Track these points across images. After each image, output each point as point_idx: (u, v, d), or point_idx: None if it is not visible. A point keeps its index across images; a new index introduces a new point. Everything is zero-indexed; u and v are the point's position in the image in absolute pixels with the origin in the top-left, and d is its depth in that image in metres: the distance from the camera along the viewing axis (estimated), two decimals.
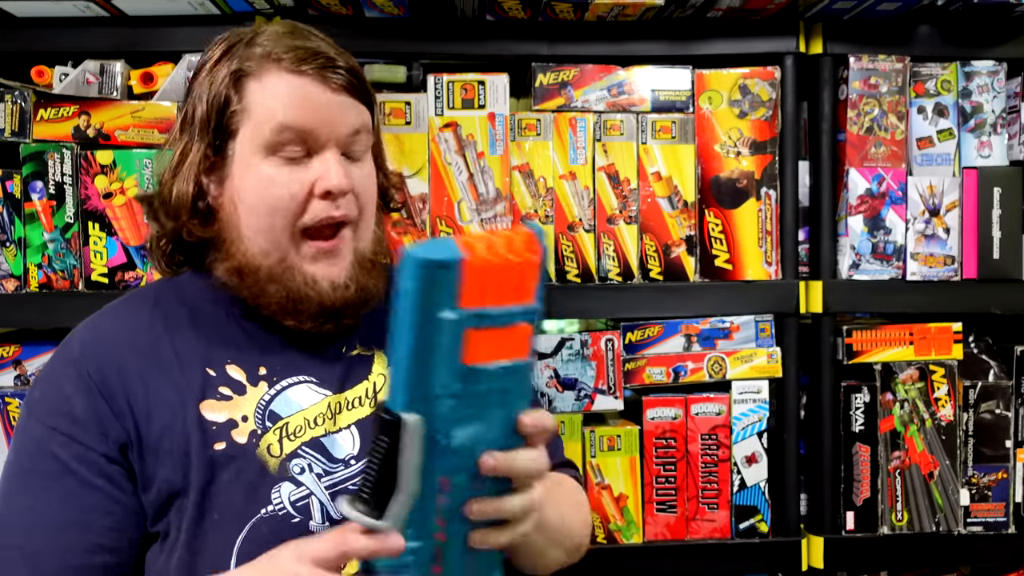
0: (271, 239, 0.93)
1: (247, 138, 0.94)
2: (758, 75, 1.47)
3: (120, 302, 1.03)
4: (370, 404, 0.98)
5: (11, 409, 1.39)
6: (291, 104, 0.92)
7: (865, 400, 1.47)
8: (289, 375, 0.97)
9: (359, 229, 0.97)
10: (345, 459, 0.95)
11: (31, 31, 1.38)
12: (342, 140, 0.95)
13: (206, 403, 0.93)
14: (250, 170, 0.94)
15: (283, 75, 0.93)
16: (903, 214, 1.48)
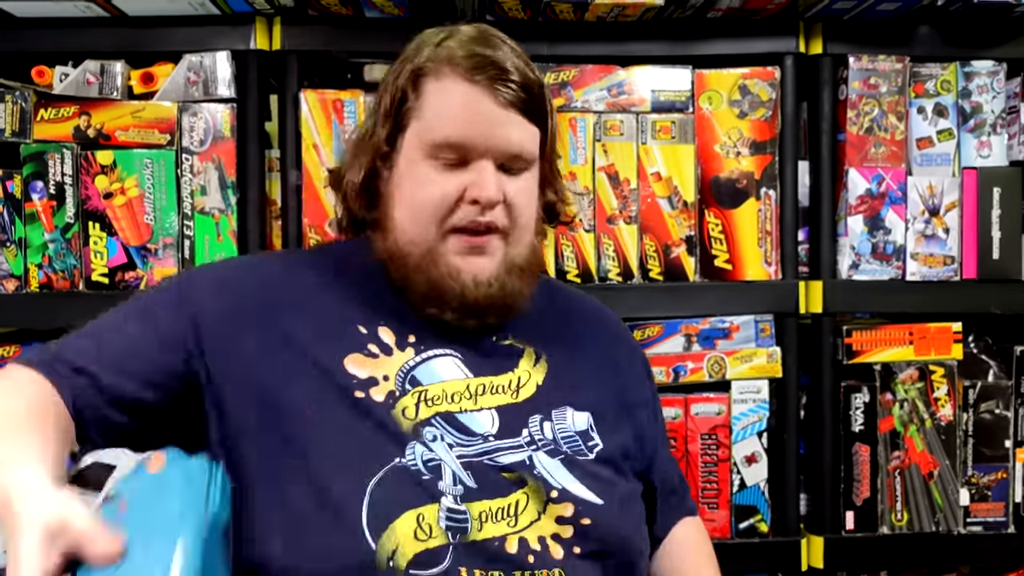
0: (420, 231, 0.98)
1: (414, 134, 0.98)
2: (758, 75, 1.47)
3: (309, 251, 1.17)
4: (512, 395, 0.99)
5: None
6: (456, 114, 0.96)
7: (865, 400, 1.48)
8: (437, 347, 1.00)
9: (511, 238, 1.00)
10: (483, 434, 0.96)
11: (31, 31, 1.39)
12: (499, 154, 0.97)
13: (352, 356, 0.96)
14: (411, 165, 0.98)
15: (457, 81, 0.96)
16: (903, 214, 1.48)
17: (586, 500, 0.95)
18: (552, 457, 0.96)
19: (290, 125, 1.42)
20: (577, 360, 1.07)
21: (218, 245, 1.40)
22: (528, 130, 0.99)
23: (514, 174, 0.99)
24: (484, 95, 0.95)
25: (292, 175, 1.42)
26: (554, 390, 1.02)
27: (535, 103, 0.99)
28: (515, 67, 0.97)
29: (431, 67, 0.98)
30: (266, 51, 1.42)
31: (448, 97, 0.96)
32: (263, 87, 1.44)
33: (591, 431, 1.01)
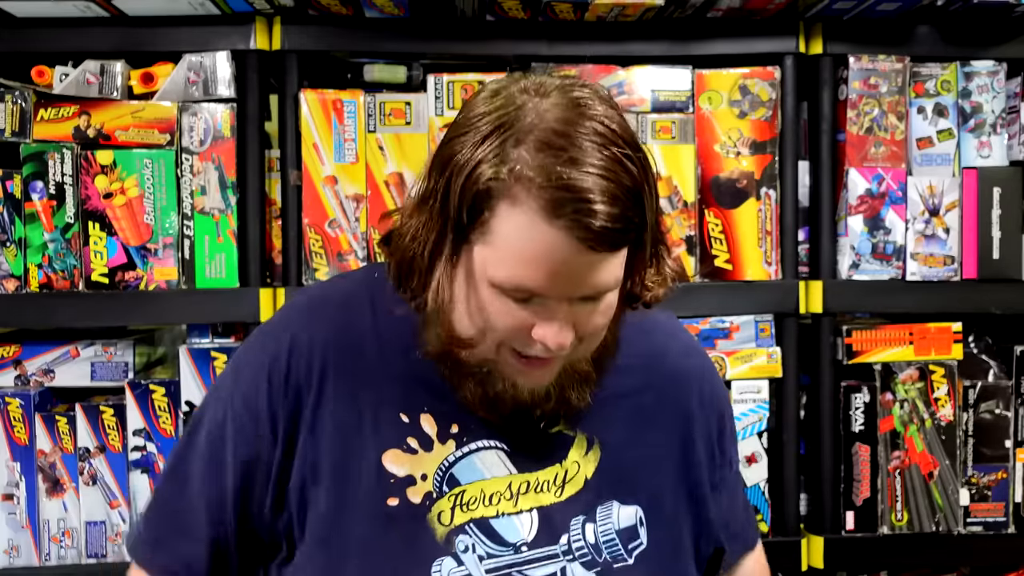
0: (480, 346, 0.86)
1: (481, 258, 0.81)
2: (758, 75, 1.47)
3: (339, 294, 0.98)
4: (556, 493, 0.92)
5: (11, 409, 1.39)
6: (532, 261, 0.78)
7: (865, 400, 1.48)
8: (481, 438, 0.92)
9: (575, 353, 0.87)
10: (516, 544, 0.90)
11: (31, 31, 1.38)
12: (576, 297, 0.82)
13: (390, 453, 0.90)
14: (476, 284, 0.83)
15: (534, 219, 0.76)
16: (903, 214, 1.48)
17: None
18: (588, 569, 0.90)
19: (290, 125, 1.42)
20: (638, 440, 0.96)
21: (218, 245, 1.40)
22: (616, 264, 0.81)
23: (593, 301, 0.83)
24: (565, 240, 0.76)
25: (292, 175, 1.42)
26: (604, 483, 0.93)
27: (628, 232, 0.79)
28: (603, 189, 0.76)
29: (505, 187, 0.78)
30: (266, 51, 1.41)
31: (524, 236, 0.78)
32: (263, 87, 1.44)
33: (639, 527, 0.93)
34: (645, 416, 0.97)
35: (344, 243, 1.42)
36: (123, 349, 1.43)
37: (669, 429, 0.98)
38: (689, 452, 0.99)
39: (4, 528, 1.40)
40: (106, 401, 1.41)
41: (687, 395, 1.01)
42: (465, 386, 0.89)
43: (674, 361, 1.02)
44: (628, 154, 0.78)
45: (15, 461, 1.40)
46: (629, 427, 0.96)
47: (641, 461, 0.96)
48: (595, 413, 0.94)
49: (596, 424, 0.95)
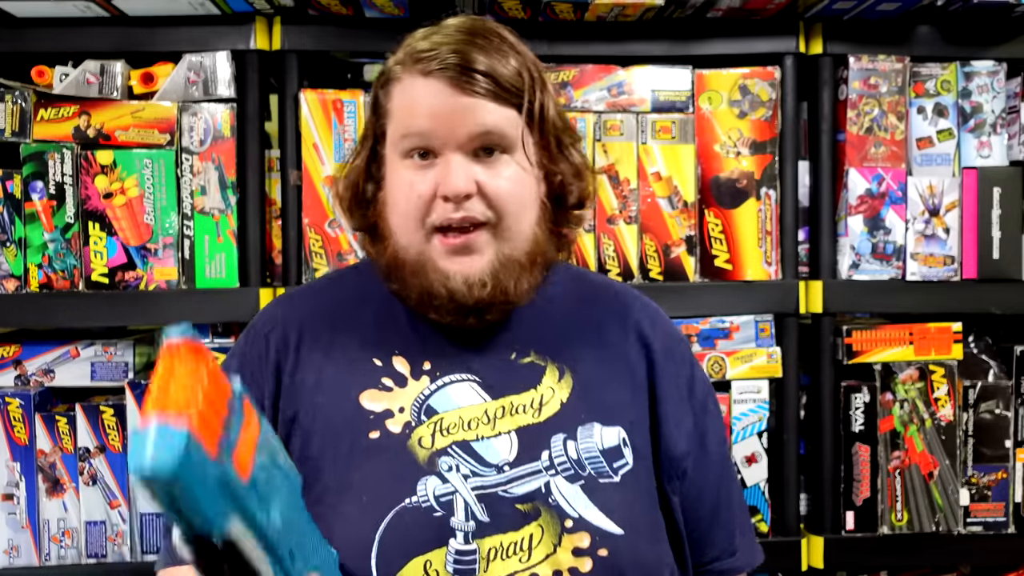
0: (408, 235, 0.96)
1: (390, 140, 0.97)
2: (758, 75, 1.47)
3: (327, 280, 1.12)
4: (534, 415, 0.96)
5: (11, 409, 1.39)
6: (414, 109, 0.94)
7: (865, 400, 1.48)
8: (453, 372, 0.97)
9: (500, 231, 0.94)
10: (499, 464, 0.93)
11: (31, 31, 1.39)
12: (463, 143, 0.93)
13: (367, 392, 0.96)
14: (393, 171, 0.97)
15: (416, 78, 0.94)
16: (903, 214, 1.48)
17: (604, 530, 0.91)
18: (572, 483, 0.93)
19: (290, 125, 1.42)
20: (608, 371, 1.01)
21: (218, 245, 1.40)
22: (499, 113, 0.93)
23: (492, 160, 0.94)
24: (443, 86, 0.92)
25: (292, 175, 1.42)
26: (581, 406, 0.97)
27: (505, 88, 0.93)
28: (483, 57, 0.93)
29: (397, 70, 0.97)
30: (266, 51, 1.42)
31: (408, 94, 0.95)
32: (263, 87, 1.44)
33: (622, 447, 0.96)
34: (611, 351, 1.02)
35: (344, 243, 1.42)
36: (123, 349, 1.44)
37: (637, 365, 1.02)
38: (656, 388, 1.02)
39: (4, 528, 1.40)
40: (106, 401, 1.41)
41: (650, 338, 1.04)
42: (411, 290, 0.96)
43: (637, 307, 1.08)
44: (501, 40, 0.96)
45: (15, 461, 1.40)
46: (598, 360, 1.01)
47: (613, 391, 1.00)
48: (563, 346, 1.00)
49: (566, 355, 1.00)
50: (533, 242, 0.97)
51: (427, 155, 0.94)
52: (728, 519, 1.08)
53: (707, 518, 1.05)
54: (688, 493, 1.02)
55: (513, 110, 0.94)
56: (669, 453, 1.01)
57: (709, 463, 1.05)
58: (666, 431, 1.01)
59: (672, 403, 1.02)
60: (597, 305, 1.06)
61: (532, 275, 0.98)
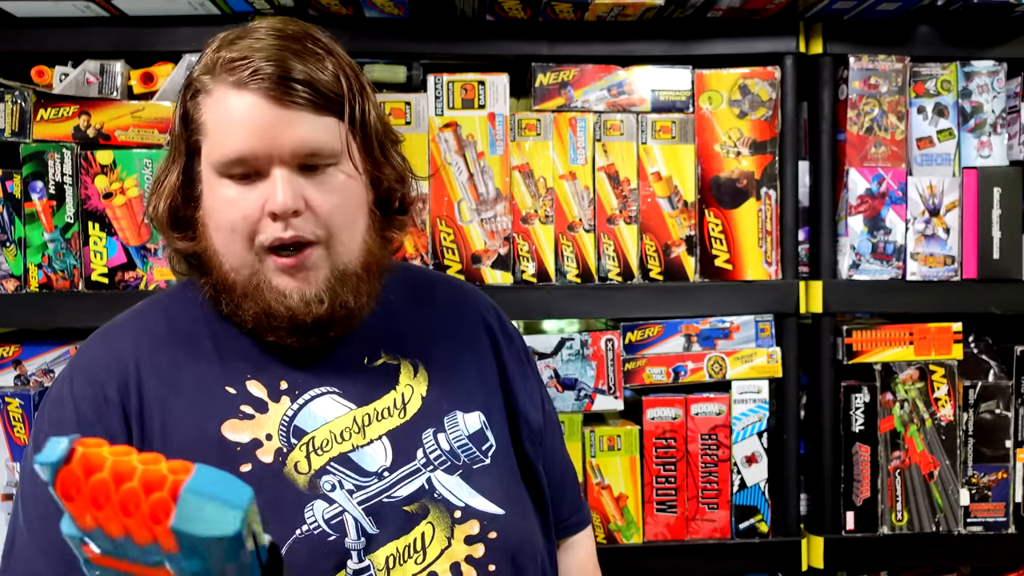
0: (236, 257, 0.91)
1: (205, 157, 0.91)
2: (758, 75, 1.47)
3: (131, 316, 1.00)
4: (399, 415, 0.96)
5: (11, 409, 1.39)
6: (232, 128, 0.87)
7: (865, 400, 1.48)
8: (311, 387, 0.94)
9: (332, 245, 0.91)
10: (378, 471, 0.92)
11: (31, 31, 1.38)
12: (287, 158, 0.88)
13: (228, 423, 0.91)
14: (211, 190, 0.91)
15: (229, 91, 0.87)
16: (903, 214, 1.48)
17: (489, 513, 0.93)
18: (451, 474, 0.94)
19: None
20: (457, 359, 1.03)
21: None
22: (320, 123, 0.88)
23: (319, 174, 0.89)
24: (260, 100, 0.86)
25: None
26: (440, 397, 0.98)
27: (324, 94, 0.88)
28: (299, 64, 0.87)
29: (204, 81, 0.90)
30: None
31: (224, 110, 0.88)
32: None
33: (485, 430, 0.98)
34: (459, 340, 1.05)
35: None
36: None
37: (480, 345, 1.06)
38: (502, 364, 1.06)
39: (4, 528, 1.40)
40: None
41: (487, 318, 1.09)
42: (246, 312, 0.91)
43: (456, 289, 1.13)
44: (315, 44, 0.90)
45: (15, 461, 1.40)
46: (446, 349, 1.03)
47: (466, 376, 1.02)
48: (411, 341, 1.01)
49: (415, 350, 1.01)
50: (366, 252, 0.95)
51: (249, 175, 0.89)
52: (572, 478, 1.17)
53: (559, 479, 1.11)
54: (545, 459, 1.08)
55: (335, 118, 0.90)
56: (530, 425, 1.05)
57: (552, 427, 1.13)
58: (522, 405, 1.05)
59: (519, 377, 1.07)
60: (434, 298, 1.08)
61: (370, 284, 0.95)
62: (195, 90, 0.91)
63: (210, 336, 0.96)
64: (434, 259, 1.42)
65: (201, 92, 0.90)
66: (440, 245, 1.42)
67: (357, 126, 0.92)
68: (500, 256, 1.44)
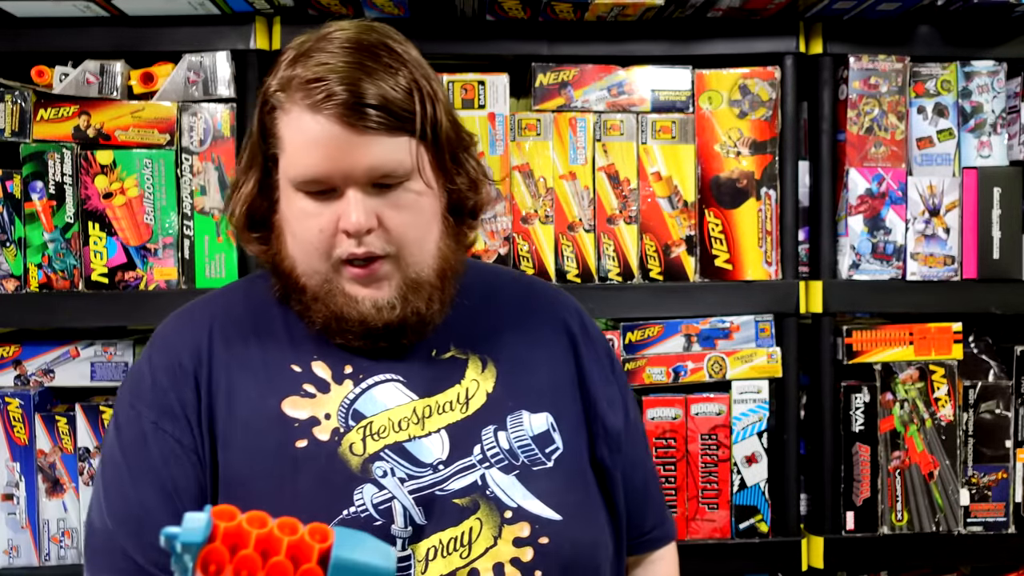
0: (312, 265, 0.93)
1: (282, 171, 0.93)
2: (758, 75, 1.47)
3: (210, 295, 1.05)
4: (461, 410, 0.95)
5: (11, 409, 1.39)
6: (307, 151, 0.89)
7: (865, 400, 1.47)
8: (376, 373, 0.95)
9: (402, 259, 0.92)
10: (433, 463, 0.92)
11: (31, 31, 1.38)
12: (360, 179, 0.89)
13: (289, 400, 0.93)
14: (289, 201, 0.93)
15: (304, 114, 0.89)
16: (903, 214, 1.48)
17: (543, 517, 0.91)
18: (507, 473, 0.92)
19: None
20: (529, 357, 1.01)
21: (218, 245, 1.40)
22: (393, 144, 0.89)
23: (391, 191, 0.91)
24: (332, 124, 0.87)
25: None
26: (506, 395, 0.97)
27: (397, 115, 0.89)
28: (372, 86, 0.87)
29: (280, 98, 0.91)
30: (266, 51, 1.41)
31: (299, 132, 0.89)
32: None
33: (552, 432, 0.96)
34: (533, 338, 1.02)
35: None
36: (123, 349, 1.44)
37: (556, 346, 1.03)
38: (580, 367, 1.03)
39: (4, 528, 1.40)
40: (106, 401, 1.41)
41: (566, 319, 1.06)
42: (316, 314, 0.93)
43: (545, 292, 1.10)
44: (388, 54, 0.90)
45: (15, 461, 1.40)
46: (518, 347, 1.01)
47: (537, 376, 1.00)
48: (482, 338, 1.00)
49: (485, 346, 0.99)
50: (440, 259, 0.95)
51: (325, 192, 0.90)
52: (655, 489, 1.12)
53: (641, 489, 1.07)
54: (625, 467, 1.04)
55: (407, 136, 0.90)
56: (608, 430, 1.02)
57: (636, 435, 1.08)
58: (600, 409, 1.02)
59: (599, 381, 1.03)
60: (509, 296, 1.07)
61: (443, 291, 0.96)
62: (271, 106, 0.92)
63: (283, 320, 0.98)
64: None
65: (277, 109, 0.92)
66: None
67: (429, 140, 0.93)
68: (500, 256, 1.44)
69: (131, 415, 0.94)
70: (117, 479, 0.93)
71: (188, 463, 0.92)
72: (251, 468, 0.90)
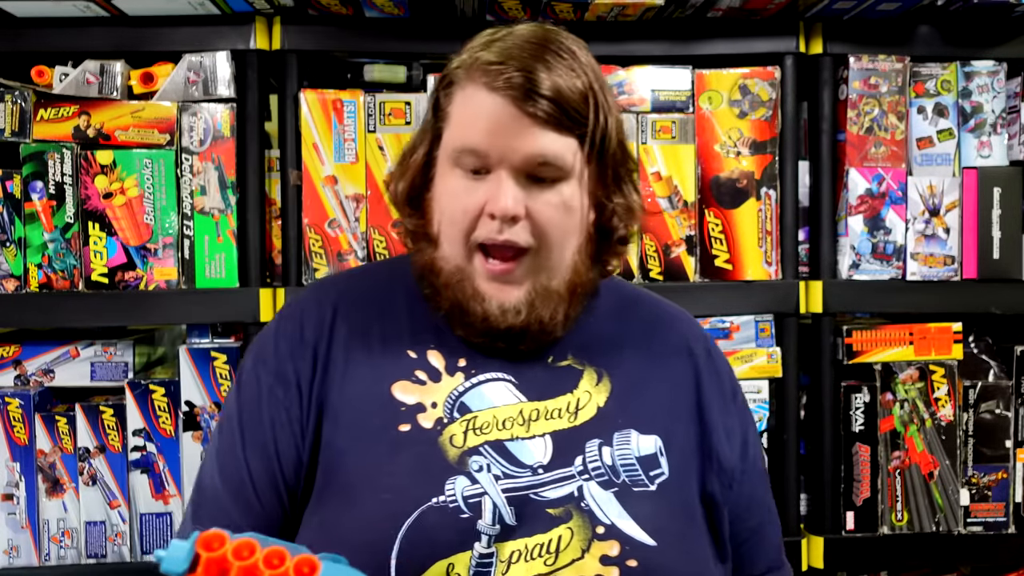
0: (451, 246, 0.93)
1: (444, 145, 0.94)
2: (758, 75, 1.47)
3: (346, 272, 1.11)
4: (569, 419, 0.93)
5: (11, 409, 1.39)
6: (475, 122, 0.91)
7: (865, 400, 1.48)
8: (489, 370, 0.95)
9: (540, 259, 0.92)
10: (533, 466, 0.90)
11: (31, 31, 1.39)
12: (517, 164, 0.90)
13: (400, 384, 0.94)
14: (443, 177, 0.94)
15: (480, 91, 0.91)
16: (903, 214, 1.48)
17: (636, 540, 0.88)
18: (605, 489, 0.90)
19: (290, 125, 1.42)
20: (647, 378, 0.99)
21: (218, 245, 1.40)
22: (559, 141, 0.90)
23: (545, 187, 0.91)
24: (506, 105, 0.89)
25: (292, 175, 1.42)
26: (618, 411, 0.95)
27: (570, 115, 0.90)
28: (548, 78, 0.89)
29: (460, 75, 0.93)
30: (266, 51, 1.42)
31: (470, 106, 0.91)
32: (263, 87, 1.44)
33: (659, 456, 0.93)
34: (654, 360, 1.00)
35: (344, 243, 1.42)
36: (123, 349, 1.44)
37: (677, 371, 1.01)
38: (700, 395, 1.00)
39: (4, 528, 1.40)
40: (106, 401, 1.41)
41: (692, 346, 1.03)
42: (443, 300, 0.95)
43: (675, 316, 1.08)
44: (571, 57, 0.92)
45: (15, 461, 1.40)
46: (637, 366, 0.99)
47: (652, 397, 0.97)
48: (602, 351, 0.98)
49: (604, 360, 0.98)
50: (573, 271, 0.95)
51: (479, 170, 0.91)
52: (773, 532, 1.07)
53: (756, 529, 1.03)
54: (737, 504, 1.00)
55: (574, 139, 0.91)
56: (721, 463, 0.98)
57: (755, 472, 1.04)
58: (715, 441, 0.99)
59: (719, 411, 1.00)
60: (637, 315, 1.05)
61: (570, 306, 0.96)
62: (449, 81, 0.95)
63: (409, 304, 0.99)
64: None
65: (454, 84, 0.94)
66: None
67: (594, 151, 0.93)
68: None
69: (251, 377, 0.97)
70: (230, 439, 0.96)
71: (290, 432, 0.94)
72: (352, 444, 0.92)
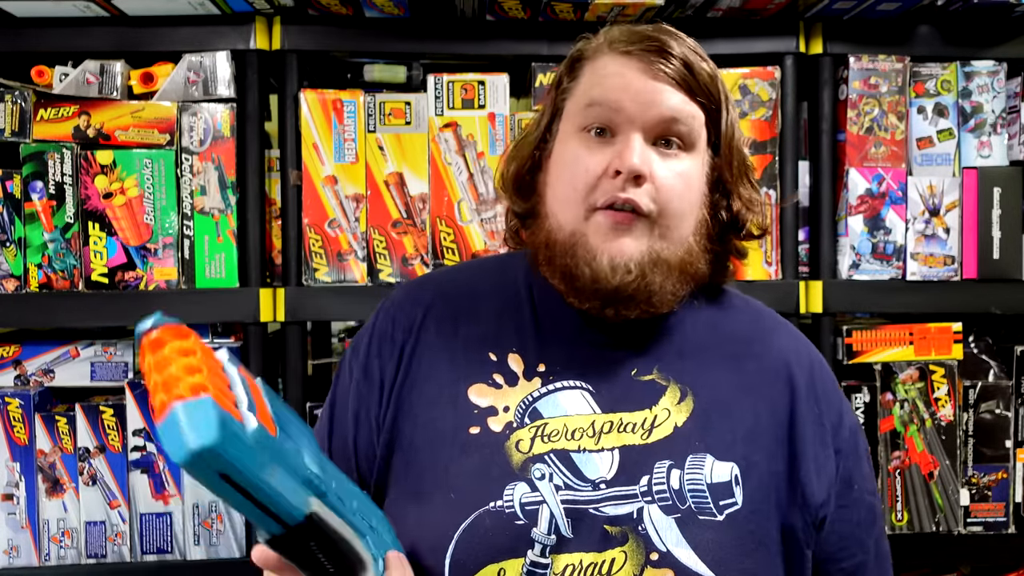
0: (567, 213, 0.92)
1: (568, 115, 0.95)
2: (758, 75, 1.47)
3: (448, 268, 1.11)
4: (642, 436, 0.90)
5: (11, 409, 1.39)
6: (605, 81, 0.92)
7: (865, 400, 1.47)
8: (567, 377, 0.93)
9: (659, 226, 0.90)
10: (595, 480, 0.88)
11: (31, 31, 1.39)
12: (649, 125, 0.90)
13: (476, 386, 0.93)
14: (564, 145, 0.94)
15: (613, 56, 0.93)
16: (903, 214, 1.48)
17: (692, 569, 0.84)
18: (667, 514, 0.86)
19: (290, 125, 1.42)
20: (734, 400, 0.93)
21: (218, 245, 1.40)
22: (688, 105, 0.91)
23: (670, 154, 0.91)
24: (638, 65, 0.91)
25: (292, 175, 1.42)
26: (696, 434, 0.90)
27: (699, 83, 0.91)
28: (678, 47, 0.91)
29: (588, 51, 0.96)
30: (266, 51, 1.42)
31: (600, 69, 0.93)
32: (263, 87, 1.44)
33: (733, 485, 0.88)
34: (746, 382, 0.95)
35: (344, 243, 1.42)
36: (123, 349, 1.44)
37: (769, 397, 0.94)
38: (794, 424, 0.93)
39: (4, 528, 1.40)
40: (106, 401, 1.41)
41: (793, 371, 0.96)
42: (555, 272, 0.93)
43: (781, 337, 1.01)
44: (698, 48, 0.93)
45: (15, 461, 1.40)
46: (728, 388, 0.94)
47: (737, 422, 0.92)
48: (691, 367, 0.94)
49: (692, 377, 0.94)
50: (687, 250, 0.93)
51: (604, 132, 0.91)
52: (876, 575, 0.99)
53: (851, 572, 0.97)
54: (827, 544, 0.94)
55: (700, 109, 0.92)
56: (805, 498, 0.92)
57: (857, 510, 0.96)
58: (803, 475, 0.92)
59: (812, 442, 0.93)
60: (737, 329, 0.99)
61: (678, 283, 0.93)
62: (575, 59, 0.97)
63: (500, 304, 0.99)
64: (434, 259, 1.42)
65: (583, 59, 0.96)
66: (440, 245, 1.42)
67: (720, 133, 0.95)
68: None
69: (346, 368, 1.00)
70: (323, 425, 1.00)
71: (369, 428, 0.95)
72: (423, 442, 0.92)
